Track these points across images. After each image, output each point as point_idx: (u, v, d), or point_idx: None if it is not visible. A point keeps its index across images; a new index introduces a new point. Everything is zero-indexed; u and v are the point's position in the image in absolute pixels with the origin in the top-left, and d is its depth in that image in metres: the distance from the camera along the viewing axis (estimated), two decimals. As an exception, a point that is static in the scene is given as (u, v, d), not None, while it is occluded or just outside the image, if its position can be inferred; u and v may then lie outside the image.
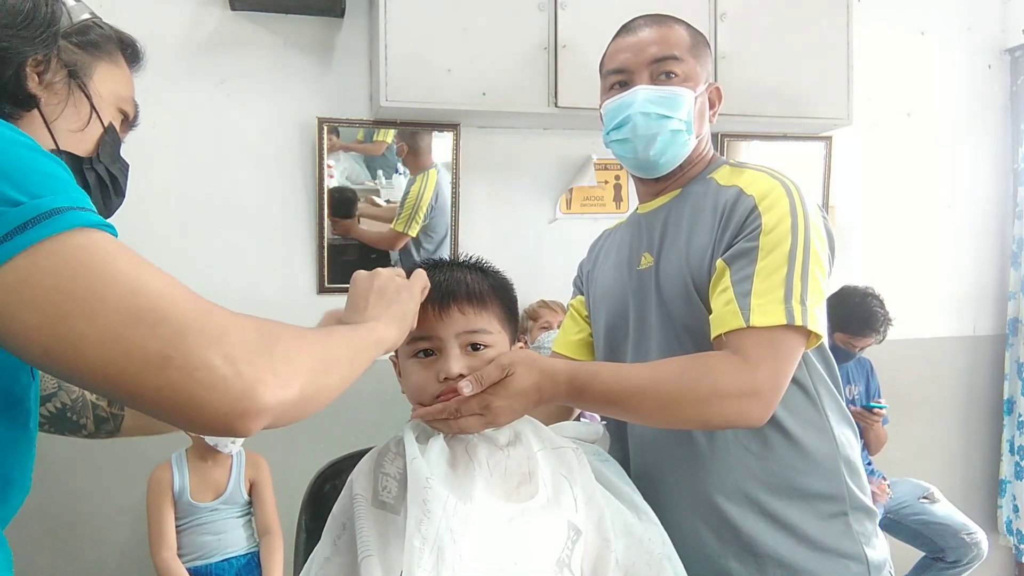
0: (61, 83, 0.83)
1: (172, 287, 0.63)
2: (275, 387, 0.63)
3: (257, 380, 0.62)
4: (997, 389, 3.29)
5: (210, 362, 0.60)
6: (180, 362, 0.59)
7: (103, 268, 0.60)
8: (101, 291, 0.59)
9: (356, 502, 0.95)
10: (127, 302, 0.60)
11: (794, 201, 1.09)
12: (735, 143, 2.90)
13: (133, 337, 0.59)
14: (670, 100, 1.17)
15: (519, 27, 2.45)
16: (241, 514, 2.21)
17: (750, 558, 1.11)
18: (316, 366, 0.70)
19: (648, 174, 1.24)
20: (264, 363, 0.63)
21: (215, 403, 0.60)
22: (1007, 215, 3.30)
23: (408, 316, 0.92)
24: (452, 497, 0.87)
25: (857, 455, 1.19)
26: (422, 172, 2.66)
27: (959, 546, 2.69)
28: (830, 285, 1.12)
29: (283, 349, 0.66)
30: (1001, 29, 3.27)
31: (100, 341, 0.59)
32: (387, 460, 0.99)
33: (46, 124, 0.82)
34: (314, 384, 0.69)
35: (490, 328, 1.00)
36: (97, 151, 0.88)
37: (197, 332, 0.60)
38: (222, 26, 2.48)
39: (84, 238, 0.61)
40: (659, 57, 1.18)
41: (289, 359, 0.66)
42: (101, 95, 0.88)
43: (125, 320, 0.59)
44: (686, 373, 1.02)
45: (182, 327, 0.60)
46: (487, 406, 0.95)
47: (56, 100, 0.83)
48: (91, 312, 0.59)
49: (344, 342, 0.79)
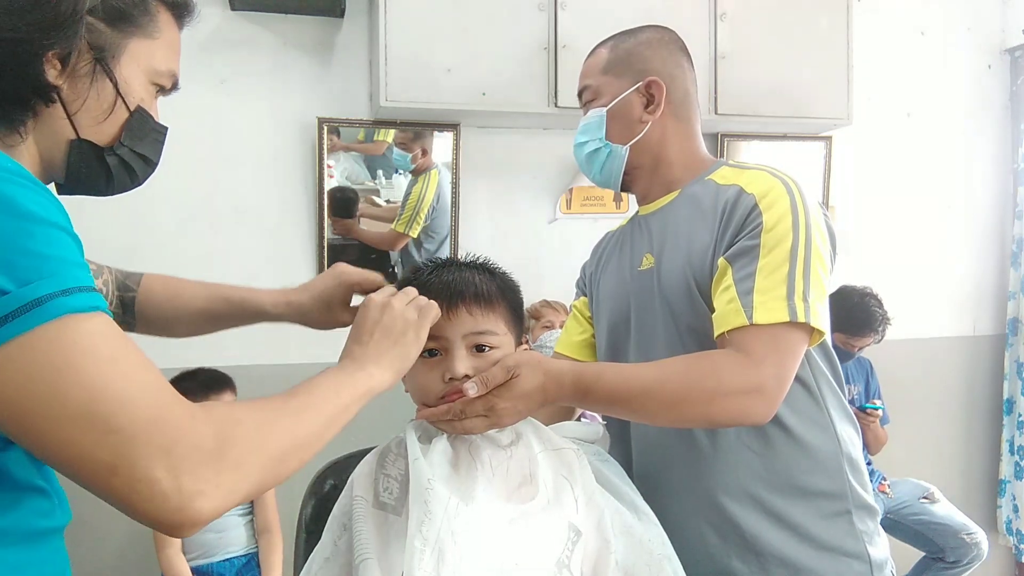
0: (85, 68, 0.78)
1: (136, 391, 0.64)
2: (216, 498, 0.65)
3: (197, 493, 0.64)
4: (997, 389, 3.29)
5: (152, 475, 0.62)
6: (125, 472, 0.62)
7: (68, 367, 0.62)
8: (63, 393, 0.62)
9: (356, 503, 0.95)
10: (84, 408, 0.62)
11: (795, 198, 1.09)
12: (735, 143, 2.90)
13: (84, 443, 0.62)
14: (584, 127, 1.28)
15: (519, 27, 2.44)
16: (242, 514, 2.20)
17: (753, 557, 1.11)
18: (272, 462, 0.71)
19: (613, 188, 1.32)
20: (209, 475, 0.64)
21: (152, 513, 0.63)
22: (1007, 215, 3.30)
23: (408, 359, 0.92)
24: (453, 498, 0.87)
25: (859, 453, 1.19)
26: (423, 173, 2.66)
27: (959, 546, 2.69)
28: (831, 284, 1.12)
29: (236, 455, 0.67)
30: (1001, 29, 3.27)
31: (56, 442, 0.62)
32: (388, 461, 0.98)
33: (67, 115, 0.79)
34: (266, 480, 0.71)
35: (497, 329, 1.00)
36: (120, 137, 0.84)
37: (144, 444, 0.62)
38: (222, 26, 2.48)
39: (59, 332, 0.62)
40: (579, 92, 1.31)
41: (239, 466, 0.67)
42: (128, 78, 0.83)
43: (79, 426, 0.62)
44: (690, 372, 1.02)
45: (132, 438, 0.62)
46: (492, 408, 0.95)
47: (79, 89, 0.78)
48: (50, 414, 0.61)
49: (325, 412, 0.79)
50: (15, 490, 0.71)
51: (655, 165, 1.25)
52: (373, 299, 0.95)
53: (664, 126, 1.24)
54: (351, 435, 1.01)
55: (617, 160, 1.25)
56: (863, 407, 2.72)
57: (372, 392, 0.86)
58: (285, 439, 0.73)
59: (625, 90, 1.23)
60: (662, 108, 1.23)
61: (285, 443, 0.73)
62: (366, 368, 0.87)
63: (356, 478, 0.98)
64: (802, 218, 1.07)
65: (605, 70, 1.26)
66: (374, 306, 0.93)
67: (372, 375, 0.87)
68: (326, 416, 0.79)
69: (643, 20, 1.33)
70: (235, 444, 0.67)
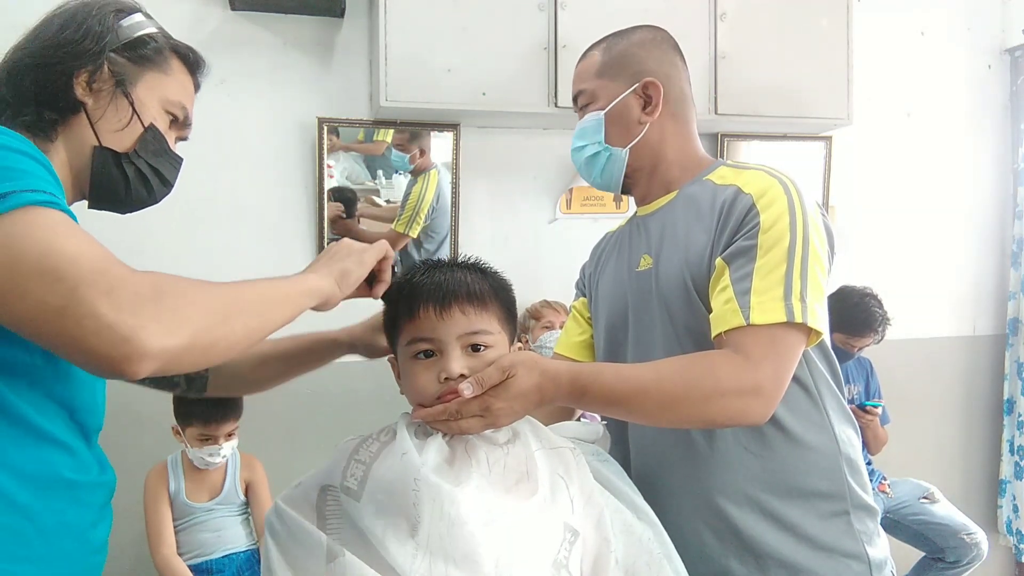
0: (107, 89, 0.98)
1: (84, 250, 0.73)
2: (157, 334, 0.71)
3: (138, 327, 0.70)
4: (997, 389, 3.29)
5: (96, 311, 0.69)
6: (72, 312, 0.70)
7: (26, 236, 0.72)
8: (20, 255, 0.71)
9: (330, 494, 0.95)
10: (37, 263, 0.71)
11: (792, 198, 1.09)
12: (735, 143, 2.90)
13: (37, 291, 0.70)
14: (581, 131, 1.28)
15: (519, 27, 2.45)
16: (238, 513, 2.20)
17: (751, 558, 1.11)
18: (211, 315, 0.78)
19: (613, 191, 1.31)
20: (149, 312, 0.72)
21: (100, 347, 0.70)
22: (1007, 215, 3.30)
23: (349, 274, 1.00)
24: (446, 485, 0.87)
25: (858, 453, 1.18)
26: (423, 173, 2.66)
27: (959, 546, 2.69)
28: (830, 284, 1.12)
29: (173, 301, 0.74)
30: (1001, 29, 3.27)
31: (15, 296, 0.71)
32: (363, 447, 0.98)
33: (91, 124, 0.97)
34: (209, 332, 0.77)
35: (491, 329, 1.00)
36: (135, 147, 1.00)
37: (89, 285, 0.70)
38: (222, 26, 2.48)
39: (22, 215, 0.73)
40: (574, 96, 1.30)
41: (177, 309, 0.74)
42: (143, 100, 1.00)
43: (33, 277, 0.70)
44: (687, 372, 1.02)
45: (77, 282, 0.70)
46: (488, 408, 0.95)
47: (101, 103, 0.97)
48: (9, 273, 0.71)
49: (260, 290, 0.87)
50: (29, 434, 0.82)
51: (654, 166, 1.25)
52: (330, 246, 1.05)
53: (662, 126, 1.24)
54: (350, 435, 1.01)
55: (617, 163, 1.25)
56: (862, 404, 2.71)
57: (312, 293, 0.94)
58: (222, 299, 0.81)
59: (621, 92, 1.23)
60: (660, 109, 1.23)
61: (222, 302, 0.80)
62: (304, 274, 0.97)
63: (329, 466, 0.98)
64: (799, 218, 1.07)
65: (600, 73, 1.25)
66: (329, 246, 1.05)
67: (307, 279, 0.95)
68: (263, 295, 0.87)
69: (643, 20, 1.33)
70: (171, 294, 0.75)
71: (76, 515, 0.88)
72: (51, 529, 0.84)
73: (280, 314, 0.88)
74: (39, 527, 0.83)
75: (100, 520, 0.93)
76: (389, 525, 0.87)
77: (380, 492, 0.91)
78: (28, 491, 0.82)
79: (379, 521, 0.88)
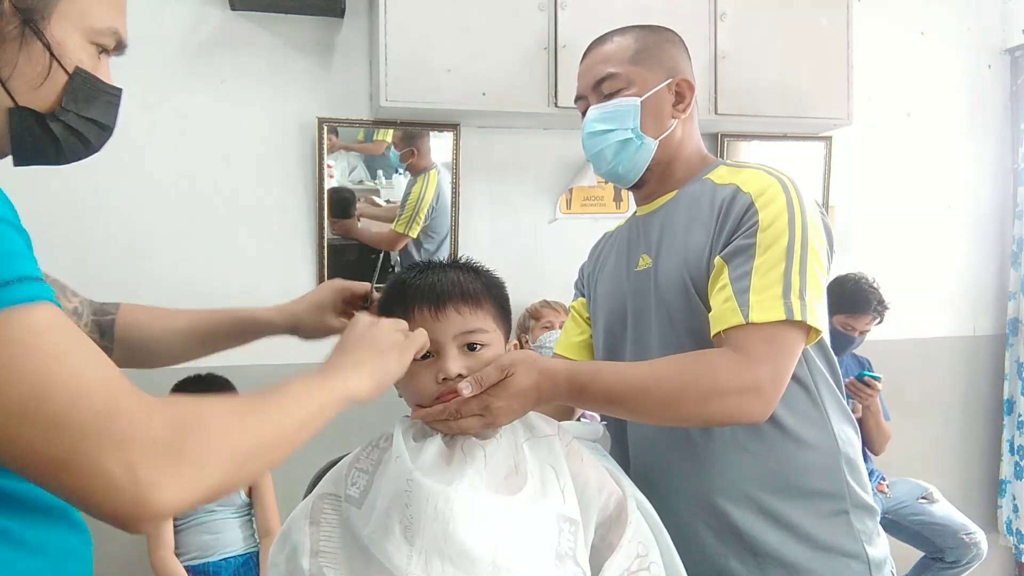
0: (13, 32, 0.74)
1: (81, 385, 0.62)
2: (174, 490, 0.62)
3: (154, 485, 0.61)
4: (997, 389, 3.29)
5: (105, 469, 0.60)
6: (76, 468, 0.60)
7: (9, 366, 0.60)
8: (4, 393, 0.60)
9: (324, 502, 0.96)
10: (29, 406, 0.60)
11: (791, 197, 1.09)
12: (735, 143, 2.90)
13: (32, 440, 0.60)
14: (612, 114, 1.21)
15: (519, 27, 2.44)
16: (239, 515, 2.20)
17: (750, 558, 1.11)
18: (237, 459, 0.68)
19: (623, 184, 1.27)
20: (167, 467, 0.62)
21: (108, 508, 0.61)
22: (1007, 215, 3.29)
23: (389, 375, 0.90)
24: (438, 485, 0.88)
25: (858, 452, 1.19)
26: (423, 173, 2.66)
27: (958, 546, 2.69)
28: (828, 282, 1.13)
29: (196, 449, 0.64)
30: (1001, 29, 3.26)
31: (2, 440, 0.60)
32: (364, 455, 0.99)
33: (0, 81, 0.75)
34: (229, 479, 0.68)
35: (486, 327, 1.00)
36: (61, 102, 0.79)
37: (95, 437, 0.60)
38: (222, 26, 2.48)
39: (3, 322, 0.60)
40: (599, 78, 1.23)
41: (200, 461, 0.64)
42: (61, 39, 0.77)
43: (27, 423, 0.60)
44: (686, 370, 1.02)
45: (82, 433, 0.60)
46: (487, 407, 0.95)
47: (8, 53, 0.74)
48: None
49: (299, 406, 0.77)
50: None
51: (669, 163, 1.25)
52: (361, 316, 0.94)
53: (684, 126, 1.25)
54: (350, 435, 1.01)
55: (646, 153, 1.22)
56: (861, 375, 2.62)
57: (349, 398, 0.83)
58: (250, 438, 0.70)
59: (658, 84, 1.22)
60: (690, 108, 1.24)
61: (250, 442, 0.70)
62: (343, 374, 0.85)
63: (328, 475, 0.99)
64: (798, 216, 1.07)
65: (634, 60, 1.22)
66: (362, 322, 0.92)
67: (348, 380, 0.84)
68: (296, 419, 0.76)
69: (643, 20, 1.32)
70: (194, 438, 0.65)
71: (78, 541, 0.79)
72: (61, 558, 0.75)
73: (310, 432, 0.77)
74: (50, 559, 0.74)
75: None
76: (386, 529, 0.88)
77: (378, 497, 0.91)
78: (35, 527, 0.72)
79: (377, 526, 0.89)
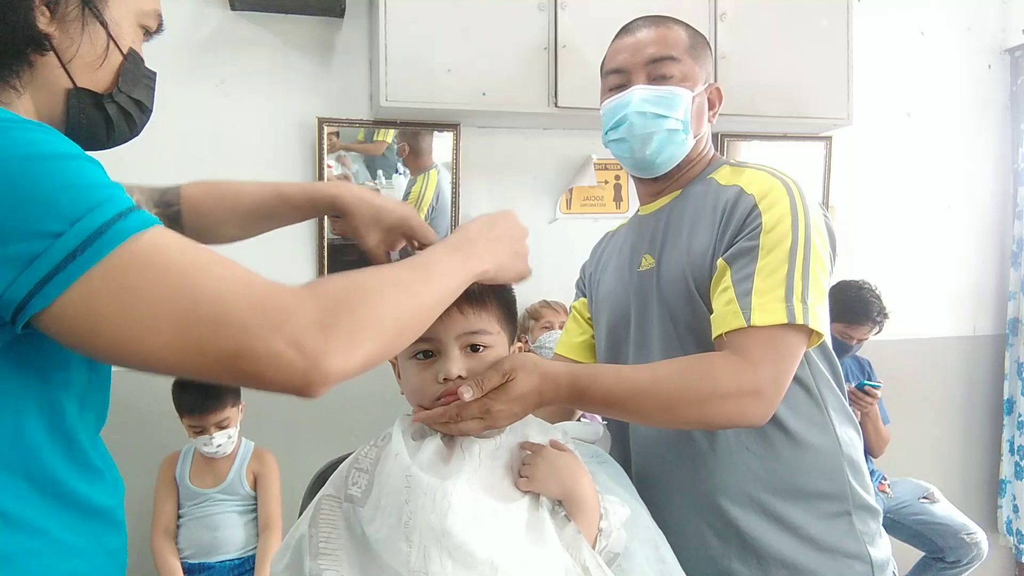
0: (75, 15, 0.78)
1: (227, 287, 0.68)
2: (338, 359, 0.69)
3: (319, 352, 0.68)
4: (997, 389, 3.29)
5: (274, 350, 0.66)
6: (247, 355, 0.66)
7: (158, 282, 0.66)
8: (160, 306, 0.65)
9: (323, 503, 0.95)
10: (188, 314, 0.66)
11: (794, 199, 1.09)
12: (735, 143, 2.90)
13: (203, 343, 0.66)
14: (667, 100, 1.18)
15: (519, 27, 2.44)
16: (242, 510, 2.20)
17: (753, 559, 1.10)
18: (386, 332, 0.74)
19: (646, 173, 1.25)
20: (328, 338, 0.69)
21: (285, 381, 0.68)
22: (1007, 215, 3.29)
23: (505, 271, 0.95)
24: (435, 479, 0.87)
25: (860, 454, 1.18)
26: (422, 173, 2.66)
27: (959, 546, 2.69)
28: (830, 285, 1.12)
29: (348, 323, 0.71)
30: (1001, 29, 3.27)
31: (176, 352, 0.66)
32: (363, 454, 0.98)
33: (62, 64, 0.78)
34: (382, 350, 0.74)
35: (489, 328, 0.99)
36: (117, 83, 0.83)
37: (257, 328, 0.66)
38: (222, 26, 2.48)
39: (132, 255, 0.65)
40: (656, 57, 1.19)
41: (353, 334, 0.71)
42: (118, 21, 0.82)
43: (193, 331, 0.66)
44: (687, 373, 1.02)
45: (244, 325, 0.66)
46: (488, 410, 0.94)
47: (71, 35, 0.78)
48: (156, 327, 0.65)
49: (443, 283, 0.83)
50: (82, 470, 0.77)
51: (689, 162, 1.24)
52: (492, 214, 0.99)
53: (708, 130, 1.26)
54: (350, 435, 1.01)
55: (683, 148, 1.21)
56: (861, 385, 2.63)
57: (475, 277, 0.89)
58: (398, 310, 0.76)
59: (702, 83, 1.22)
60: (717, 114, 1.25)
61: (398, 314, 0.76)
62: (480, 256, 0.90)
63: (330, 479, 0.99)
64: (802, 219, 1.07)
65: (690, 53, 1.21)
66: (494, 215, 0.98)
67: (483, 262, 0.90)
68: (439, 294, 0.82)
69: (643, 21, 1.32)
70: (347, 313, 0.71)
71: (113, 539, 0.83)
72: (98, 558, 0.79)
73: (444, 306, 0.85)
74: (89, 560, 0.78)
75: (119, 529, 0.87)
76: (388, 527, 0.88)
77: (381, 496, 0.91)
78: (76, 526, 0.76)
79: (378, 524, 0.89)
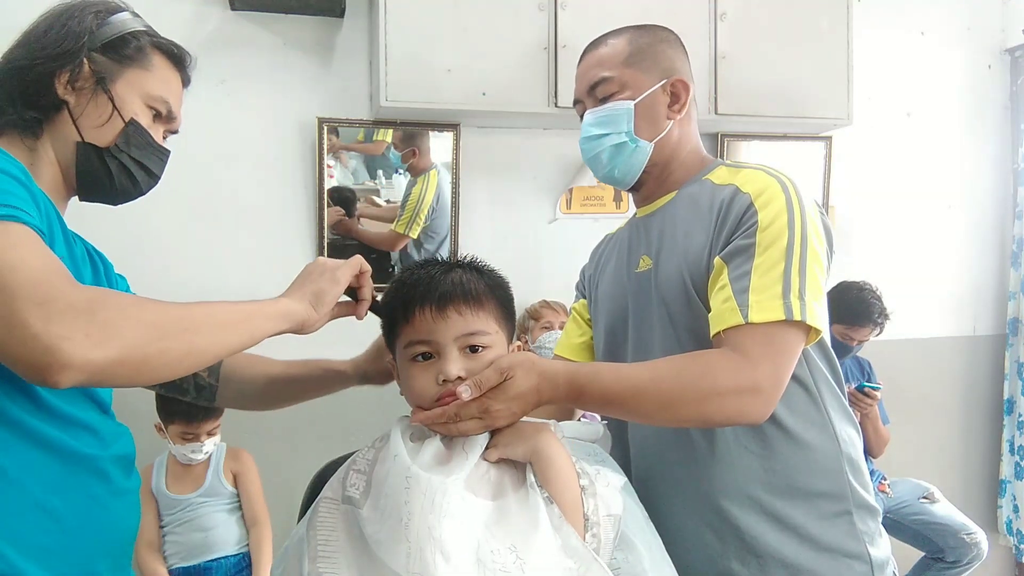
0: (88, 87, 1.02)
1: (28, 262, 0.76)
2: (83, 346, 0.74)
3: (64, 338, 0.73)
4: (997, 389, 3.29)
5: (25, 320, 0.73)
6: (5, 321, 0.74)
7: None
8: None
9: (321, 505, 0.95)
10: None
11: (790, 197, 1.09)
12: (735, 143, 2.90)
13: None
14: (605, 119, 1.22)
15: (519, 27, 2.44)
16: (229, 508, 2.19)
17: (752, 559, 1.10)
18: (147, 332, 0.80)
19: (621, 186, 1.28)
20: (78, 325, 0.74)
21: (25, 356, 0.74)
22: (1007, 215, 3.29)
23: (323, 295, 1.02)
24: (436, 477, 0.88)
25: (860, 453, 1.18)
26: (423, 173, 2.66)
27: (959, 546, 2.69)
28: (829, 283, 1.12)
29: (106, 315, 0.77)
30: (1001, 29, 3.26)
31: None
32: (360, 456, 0.99)
33: (73, 121, 1.02)
34: (141, 348, 0.79)
35: (488, 329, 0.99)
36: (116, 141, 1.04)
37: (24, 298, 0.74)
38: (222, 26, 2.48)
39: None
40: (594, 83, 1.24)
41: (108, 323, 0.77)
42: (124, 96, 1.04)
43: None
44: (685, 371, 1.02)
45: (13, 294, 0.74)
46: (486, 410, 0.94)
47: (82, 101, 1.02)
48: None
49: (215, 311, 0.89)
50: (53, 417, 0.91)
51: (666, 164, 1.24)
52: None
53: (680, 126, 1.24)
54: (350, 435, 1.01)
55: (641, 156, 1.22)
56: (861, 386, 2.63)
57: (283, 314, 0.96)
58: (164, 316, 0.82)
59: (652, 86, 1.22)
60: (686, 108, 1.24)
61: (165, 320, 0.82)
62: (279, 298, 0.99)
63: (329, 482, 0.99)
64: (797, 216, 1.07)
65: (628, 63, 1.22)
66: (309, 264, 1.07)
67: (280, 301, 0.98)
68: (218, 314, 0.89)
69: (643, 20, 1.32)
70: (108, 309, 0.78)
71: (101, 487, 0.96)
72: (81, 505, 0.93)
73: (236, 337, 0.90)
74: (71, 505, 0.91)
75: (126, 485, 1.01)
76: (385, 527, 0.88)
77: (380, 497, 0.91)
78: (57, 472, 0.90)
79: (377, 525, 0.89)
